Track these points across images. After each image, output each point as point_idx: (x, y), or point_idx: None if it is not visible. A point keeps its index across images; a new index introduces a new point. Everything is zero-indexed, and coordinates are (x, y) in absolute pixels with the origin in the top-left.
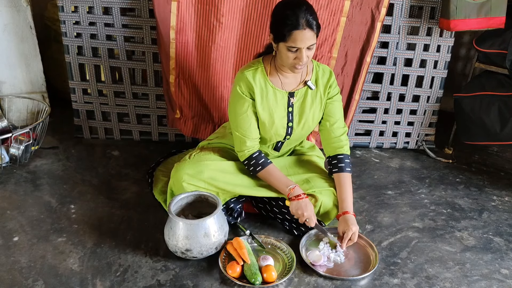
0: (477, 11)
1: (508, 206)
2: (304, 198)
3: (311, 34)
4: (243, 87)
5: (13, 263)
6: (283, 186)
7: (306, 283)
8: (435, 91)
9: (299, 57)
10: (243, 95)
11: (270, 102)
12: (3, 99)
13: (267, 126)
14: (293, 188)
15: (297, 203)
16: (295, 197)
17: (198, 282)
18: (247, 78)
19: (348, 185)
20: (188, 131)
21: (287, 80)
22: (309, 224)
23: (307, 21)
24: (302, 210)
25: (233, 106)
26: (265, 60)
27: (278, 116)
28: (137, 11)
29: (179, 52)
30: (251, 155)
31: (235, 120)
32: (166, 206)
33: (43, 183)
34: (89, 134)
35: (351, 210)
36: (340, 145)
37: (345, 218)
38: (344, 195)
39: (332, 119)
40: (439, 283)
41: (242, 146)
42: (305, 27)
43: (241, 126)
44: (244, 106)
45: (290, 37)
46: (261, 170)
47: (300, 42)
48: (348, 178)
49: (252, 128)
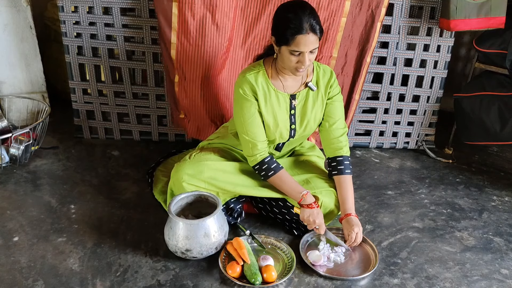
0: (477, 11)
1: (508, 206)
2: (315, 207)
3: (314, 38)
4: (247, 90)
5: (13, 263)
6: (295, 192)
7: (306, 283)
8: (435, 91)
9: (302, 61)
10: (248, 98)
11: (273, 105)
12: (3, 99)
13: (271, 128)
14: (305, 194)
15: (310, 211)
16: (306, 205)
17: (198, 282)
18: (250, 81)
19: (348, 187)
20: (192, 132)
21: (288, 83)
22: (319, 231)
23: (311, 25)
24: (314, 217)
25: (239, 110)
26: (266, 63)
27: (281, 119)
28: (137, 11)
29: (180, 53)
30: (263, 159)
31: (243, 125)
32: (166, 206)
33: (43, 183)
34: (89, 134)
35: (353, 212)
36: (339, 146)
37: (348, 220)
38: (345, 197)
39: (331, 119)
40: (439, 283)
41: (254, 150)
42: (308, 32)
43: (250, 129)
44: (251, 108)
45: (293, 41)
46: (273, 175)
47: (303, 46)
48: (348, 180)
49: (261, 130)
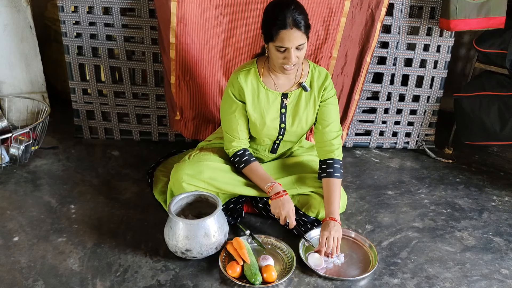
0: (477, 11)
1: (508, 206)
2: (284, 195)
3: (299, 34)
4: (234, 89)
5: (13, 263)
6: (263, 183)
7: (306, 283)
8: (435, 91)
9: (288, 57)
10: (232, 97)
11: (261, 103)
12: (3, 99)
13: (258, 126)
14: (271, 186)
15: (276, 201)
16: (274, 195)
17: (198, 282)
18: (238, 81)
19: (335, 191)
20: (189, 133)
21: (280, 81)
22: (290, 225)
23: (294, 20)
24: (280, 208)
25: (222, 105)
26: (259, 61)
27: (269, 117)
28: (137, 11)
29: (179, 52)
30: (236, 152)
31: (224, 120)
32: (166, 206)
33: (43, 183)
34: (89, 134)
35: (337, 216)
36: (331, 149)
37: (325, 224)
38: (330, 200)
39: (325, 122)
40: (439, 283)
41: (228, 145)
42: (292, 27)
43: (229, 126)
44: (232, 107)
45: (277, 36)
46: (244, 167)
47: (287, 41)
48: (336, 183)
49: (240, 129)
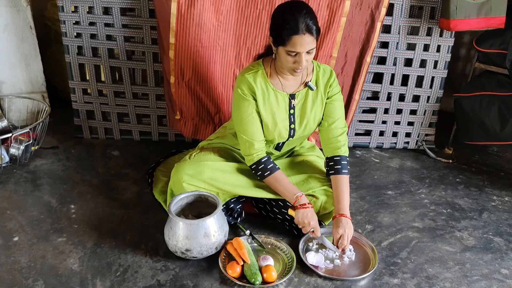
0: (477, 11)
1: (508, 206)
2: (310, 207)
3: (311, 38)
4: (245, 89)
5: (13, 263)
6: (290, 194)
7: (306, 283)
8: (435, 91)
9: (298, 61)
10: (246, 97)
11: (272, 104)
12: (3, 99)
13: (270, 128)
14: (300, 196)
15: (303, 211)
16: (300, 205)
17: (198, 282)
18: (248, 80)
19: (344, 187)
20: (188, 133)
21: (288, 82)
22: (315, 234)
23: (307, 25)
24: (309, 219)
25: (237, 110)
26: (265, 62)
27: (280, 118)
28: (137, 11)
29: (178, 53)
30: (260, 159)
31: (241, 124)
32: (166, 206)
33: (43, 183)
34: (89, 134)
35: (346, 212)
36: (337, 146)
37: (337, 221)
38: (340, 197)
39: (330, 119)
40: (439, 283)
41: (251, 149)
42: (304, 32)
43: (248, 129)
44: (249, 108)
45: (289, 41)
46: (269, 175)
47: (299, 47)
48: (344, 180)
49: (259, 130)
